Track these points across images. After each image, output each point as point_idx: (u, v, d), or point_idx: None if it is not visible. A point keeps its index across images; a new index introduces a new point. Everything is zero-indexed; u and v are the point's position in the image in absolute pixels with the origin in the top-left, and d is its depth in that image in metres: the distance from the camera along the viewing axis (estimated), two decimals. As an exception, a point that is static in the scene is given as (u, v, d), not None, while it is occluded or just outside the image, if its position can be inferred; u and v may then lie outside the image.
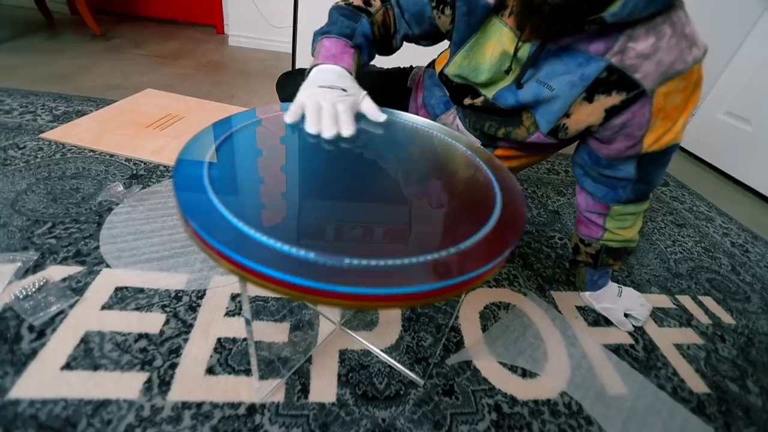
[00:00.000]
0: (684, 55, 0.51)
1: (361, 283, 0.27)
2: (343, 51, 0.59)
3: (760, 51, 1.58)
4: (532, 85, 0.58)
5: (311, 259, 0.29)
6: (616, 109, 0.56)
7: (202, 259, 0.70)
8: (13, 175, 0.82)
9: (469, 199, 0.42)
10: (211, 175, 0.36)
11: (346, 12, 0.63)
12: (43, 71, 1.37)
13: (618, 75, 0.53)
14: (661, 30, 0.50)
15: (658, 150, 0.59)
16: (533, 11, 0.49)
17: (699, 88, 0.55)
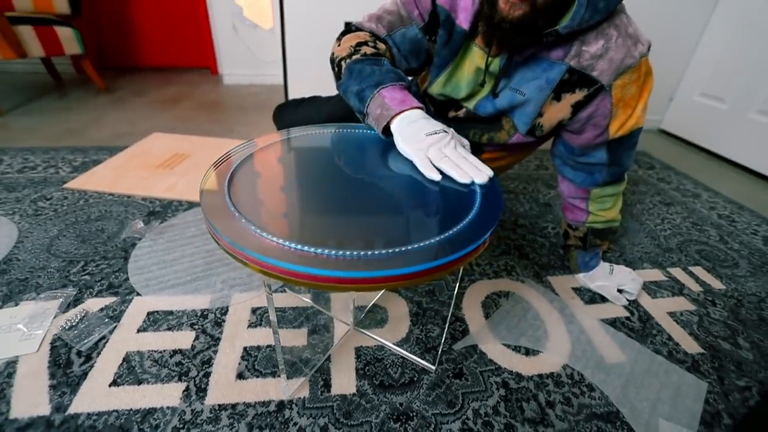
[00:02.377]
0: (631, 51, 0.58)
1: (378, 267, 0.34)
2: (405, 95, 0.57)
3: (725, 31, 1.67)
4: (507, 93, 0.66)
5: (333, 255, 0.35)
6: (581, 104, 0.63)
7: (222, 279, 0.77)
8: (45, 224, 0.90)
9: (455, 195, 0.49)
10: (232, 198, 0.43)
11: (367, 62, 0.62)
12: (58, 128, 1.48)
13: (578, 75, 0.60)
14: (608, 33, 0.58)
15: (624, 135, 0.66)
16: (496, 28, 0.57)
17: (650, 76, 0.63)
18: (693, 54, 1.81)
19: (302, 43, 1.61)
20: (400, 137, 0.54)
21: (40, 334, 0.63)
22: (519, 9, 0.53)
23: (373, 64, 0.61)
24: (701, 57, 1.77)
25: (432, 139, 0.52)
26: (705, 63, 1.75)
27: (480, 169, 0.50)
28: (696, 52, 1.79)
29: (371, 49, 0.64)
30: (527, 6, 0.52)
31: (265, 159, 0.54)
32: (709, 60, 1.74)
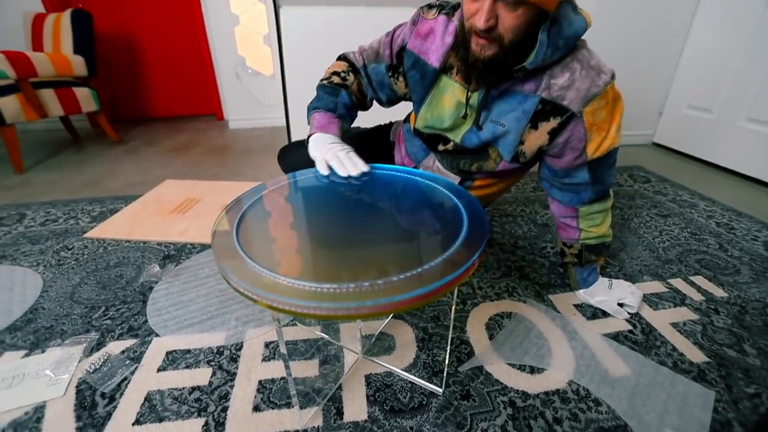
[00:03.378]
0: (595, 81, 0.64)
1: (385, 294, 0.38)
2: (330, 122, 0.75)
3: (703, 45, 1.75)
4: (489, 126, 0.72)
5: (339, 289, 0.39)
6: (557, 131, 0.68)
7: (236, 317, 0.80)
8: (67, 273, 0.96)
9: (446, 221, 0.53)
10: (240, 241, 0.48)
11: (328, 89, 0.79)
12: (76, 181, 1.57)
13: (551, 105, 0.66)
14: (572, 67, 0.64)
15: (602, 155, 0.71)
16: (471, 67, 0.64)
17: (619, 100, 0.69)
18: (676, 68, 1.88)
19: (302, 85, 1.71)
20: (312, 146, 0.71)
21: (66, 378, 0.66)
22: (489, 50, 0.60)
23: (329, 92, 0.79)
24: (684, 71, 1.84)
25: (332, 146, 0.69)
26: (689, 76, 1.82)
27: (357, 166, 0.66)
28: (679, 66, 1.87)
29: (339, 79, 0.80)
30: (496, 47, 0.59)
31: (269, 203, 0.59)
32: (692, 73, 1.80)
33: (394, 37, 0.78)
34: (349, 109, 0.81)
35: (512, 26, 0.57)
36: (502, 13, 0.56)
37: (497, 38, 0.59)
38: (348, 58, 0.83)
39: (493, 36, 0.58)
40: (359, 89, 0.83)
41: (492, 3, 0.55)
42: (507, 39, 0.59)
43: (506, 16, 0.56)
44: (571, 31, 0.61)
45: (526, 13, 0.56)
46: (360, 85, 0.83)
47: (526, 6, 0.55)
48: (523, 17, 0.56)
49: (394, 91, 0.82)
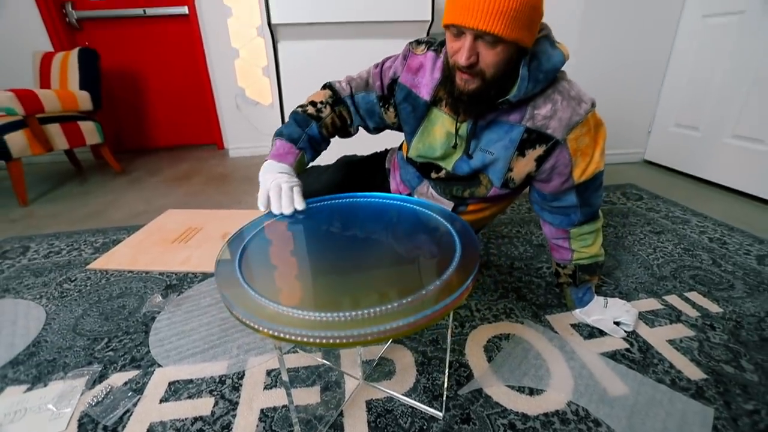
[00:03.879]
0: (576, 110, 0.68)
1: (377, 323, 0.39)
2: (288, 152, 0.75)
3: (685, 65, 1.82)
4: (478, 154, 0.75)
5: (339, 317, 0.41)
6: (543, 157, 0.72)
7: (238, 345, 0.81)
8: (70, 305, 0.97)
9: (440, 247, 0.55)
10: (244, 275, 0.50)
11: (299, 118, 0.79)
12: (80, 212, 1.60)
13: (536, 133, 0.70)
14: (553, 98, 0.68)
15: (588, 179, 0.74)
16: (457, 100, 0.68)
17: (601, 127, 0.73)
18: (661, 89, 1.95)
19: (300, 115, 1.77)
20: (262, 171, 0.72)
21: (68, 412, 0.67)
22: (472, 83, 0.64)
23: (299, 121, 0.79)
24: (669, 91, 1.91)
25: (279, 175, 0.69)
26: (674, 96, 1.89)
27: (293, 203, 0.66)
28: (663, 87, 1.94)
29: (314, 110, 0.80)
30: (479, 81, 0.63)
31: (270, 233, 0.61)
32: (676, 93, 1.87)
33: (383, 69, 0.81)
34: (315, 143, 0.79)
35: (492, 62, 0.61)
36: (482, 50, 0.60)
37: (479, 73, 0.63)
38: (333, 87, 0.84)
39: (475, 71, 0.62)
40: (334, 122, 0.82)
41: (472, 41, 0.59)
42: (488, 74, 0.63)
43: (486, 53, 0.60)
44: (550, 65, 0.65)
45: (505, 50, 0.60)
46: (335, 119, 0.82)
47: (505, 44, 0.59)
48: (503, 54, 0.60)
49: (382, 120, 0.85)
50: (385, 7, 1.63)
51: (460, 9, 0.57)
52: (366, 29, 1.67)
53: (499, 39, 0.58)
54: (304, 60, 1.71)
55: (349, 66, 1.74)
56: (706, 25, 1.70)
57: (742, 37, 1.55)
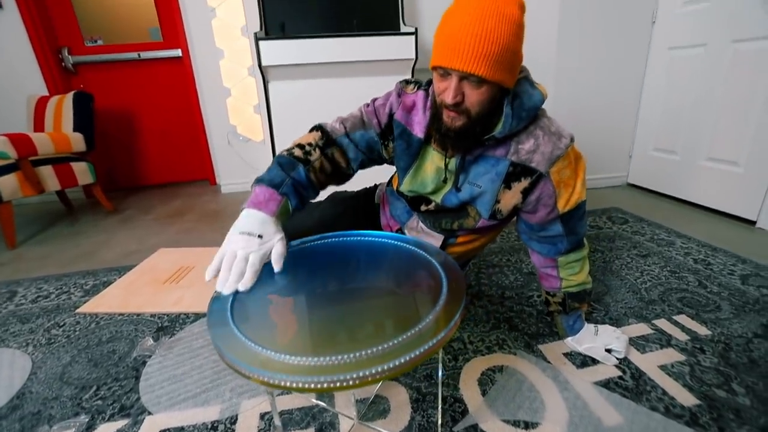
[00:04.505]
0: (557, 144, 0.72)
1: (367, 366, 0.40)
2: (269, 199, 0.66)
3: (658, 92, 1.91)
4: (466, 187, 0.78)
5: (329, 361, 0.41)
6: (528, 190, 0.75)
7: (230, 388, 0.80)
8: (58, 351, 0.95)
9: (426, 283, 0.57)
10: (235, 320, 0.50)
11: (284, 161, 0.72)
12: (70, 253, 1.59)
13: (521, 167, 0.73)
14: (536, 134, 0.72)
15: (571, 208, 0.77)
16: (445, 136, 0.71)
17: (580, 159, 0.76)
18: (638, 115, 2.04)
19: (291, 151, 1.82)
20: (235, 224, 0.63)
21: (54, 468, 0.65)
22: (459, 121, 0.68)
23: (284, 164, 0.72)
24: (646, 117, 2.00)
25: (241, 240, 0.60)
26: (650, 122, 1.97)
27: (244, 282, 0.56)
28: (640, 113, 2.03)
29: (301, 152, 0.75)
30: (465, 118, 0.67)
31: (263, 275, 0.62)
32: (652, 119, 1.96)
33: (376, 107, 0.81)
34: (302, 187, 0.72)
35: (477, 101, 0.65)
36: (468, 90, 0.64)
37: (465, 111, 0.66)
38: (324, 128, 0.79)
39: (461, 109, 0.66)
40: (323, 167, 0.77)
41: (458, 82, 0.63)
42: (473, 112, 0.66)
43: (471, 93, 0.64)
44: (531, 104, 0.70)
45: (489, 91, 0.64)
46: (325, 163, 0.77)
47: (488, 84, 0.63)
48: (486, 94, 0.64)
49: (380, 156, 0.83)
50: (370, 47, 1.71)
51: (448, 52, 0.61)
52: (353, 68, 1.75)
53: (483, 80, 0.62)
54: (293, 98, 1.77)
55: (337, 103, 1.81)
56: (672, 57, 1.81)
57: (706, 67, 1.65)
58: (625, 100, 2.01)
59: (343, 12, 1.86)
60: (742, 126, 1.53)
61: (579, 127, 1.96)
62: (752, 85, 1.48)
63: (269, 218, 0.64)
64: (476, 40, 0.59)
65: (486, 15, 0.59)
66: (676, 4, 1.76)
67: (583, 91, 1.96)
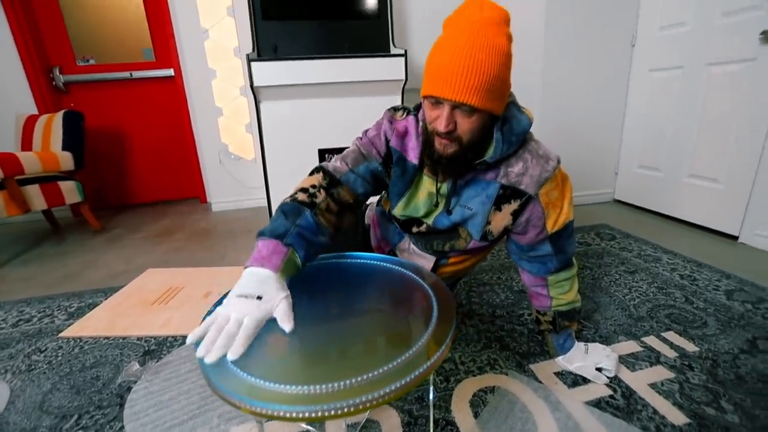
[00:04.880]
0: (545, 167, 0.74)
1: (357, 395, 0.40)
2: (273, 252, 0.59)
3: (639, 112, 1.98)
4: (458, 209, 0.79)
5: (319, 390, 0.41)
6: (518, 211, 0.77)
7: (219, 414, 0.78)
8: (38, 378, 0.92)
9: (417, 307, 0.57)
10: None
11: (287, 208, 0.67)
12: (55, 274, 1.56)
13: (510, 189, 0.75)
14: (524, 157, 0.74)
15: (560, 228, 0.79)
16: (437, 162, 0.72)
17: (567, 181, 0.79)
18: (622, 133, 2.10)
19: (281, 169, 1.82)
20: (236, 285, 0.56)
21: (31, 504, 0.62)
22: (450, 147, 0.69)
23: (289, 212, 0.67)
24: (629, 135, 2.06)
25: (237, 304, 0.53)
26: (634, 140, 2.03)
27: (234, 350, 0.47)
28: (624, 132, 2.09)
29: (305, 196, 0.71)
30: (456, 145, 0.68)
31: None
32: (636, 137, 2.02)
33: (371, 138, 0.80)
34: (311, 233, 0.66)
35: (468, 129, 0.66)
36: (459, 119, 0.65)
37: (457, 139, 0.67)
38: (325, 169, 0.77)
39: (453, 137, 0.67)
40: (330, 207, 0.73)
41: (450, 111, 0.64)
42: (465, 139, 0.67)
43: (463, 121, 0.65)
44: (520, 129, 0.72)
45: (480, 119, 0.66)
46: (331, 203, 0.73)
47: (479, 113, 0.64)
48: (478, 121, 0.66)
49: (384, 182, 0.82)
50: (361, 68, 1.75)
51: (440, 83, 0.62)
52: (344, 89, 1.78)
53: (474, 109, 0.63)
54: (285, 118, 1.79)
55: (328, 123, 1.84)
56: (652, 78, 1.88)
57: (684, 88, 1.72)
58: (609, 118, 2.08)
59: (335, 35, 1.90)
60: (721, 144, 1.59)
61: (566, 145, 2.01)
62: (728, 105, 1.55)
63: (272, 275, 0.57)
64: (467, 72, 0.60)
65: (476, 47, 0.60)
66: (654, 29, 1.84)
67: (569, 111, 2.01)
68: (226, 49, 2.22)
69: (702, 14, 1.61)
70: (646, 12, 1.87)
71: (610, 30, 1.93)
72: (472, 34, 0.61)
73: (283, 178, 1.83)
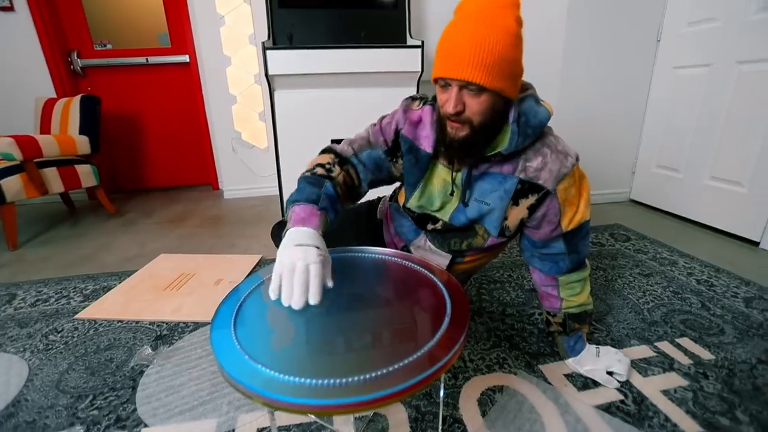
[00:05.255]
0: (564, 163, 0.72)
1: (371, 390, 0.40)
2: (311, 214, 0.65)
3: (661, 110, 1.92)
4: (474, 204, 0.79)
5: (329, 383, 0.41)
6: (535, 206, 0.75)
7: (228, 401, 0.79)
8: (55, 358, 0.95)
9: (431, 305, 0.56)
10: (239, 337, 0.50)
11: (311, 180, 0.74)
12: (71, 257, 1.59)
13: (529, 184, 0.74)
14: (543, 151, 0.73)
15: (575, 227, 0.77)
16: (449, 147, 0.72)
17: (584, 179, 0.77)
18: (642, 132, 2.04)
19: (294, 158, 1.82)
20: (283, 243, 0.60)
21: (47, 480, 0.64)
22: (462, 131, 0.68)
23: (312, 182, 0.72)
24: (649, 134, 2.00)
25: (298, 251, 0.56)
26: (653, 139, 1.98)
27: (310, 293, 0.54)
28: (643, 130, 2.03)
29: (323, 170, 0.76)
30: (467, 128, 0.68)
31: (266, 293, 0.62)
32: (655, 136, 1.96)
33: (383, 126, 0.82)
34: (334, 202, 0.72)
35: (478, 110, 0.66)
36: (468, 99, 0.65)
37: (467, 121, 0.67)
38: (334, 150, 0.82)
39: (462, 119, 0.67)
40: (345, 181, 0.78)
41: (458, 91, 0.64)
42: (476, 121, 0.67)
43: (471, 102, 0.65)
44: (537, 121, 0.70)
45: (489, 99, 0.65)
46: (347, 177, 0.79)
47: (488, 93, 0.64)
48: (487, 102, 0.65)
49: (390, 174, 0.84)
50: (377, 59, 1.72)
51: (446, 64, 0.63)
52: (359, 79, 1.76)
53: (482, 88, 0.63)
54: (299, 107, 1.78)
55: (342, 113, 1.82)
56: (677, 76, 1.82)
57: (711, 87, 1.66)
58: (628, 116, 2.02)
59: (351, 24, 1.88)
60: (747, 146, 1.53)
61: (582, 142, 1.97)
62: (756, 107, 1.49)
63: (316, 233, 0.62)
64: (472, 50, 0.60)
65: (481, 26, 0.61)
66: (681, 24, 1.78)
67: (587, 107, 1.96)
68: (242, 36, 2.21)
69: (734, 9, 1.55)
70: (674, 6, 1.80)
71: (634, 24, 1.86)
72: (479, 15, 0.62)
73: (296, 167, 1.80)
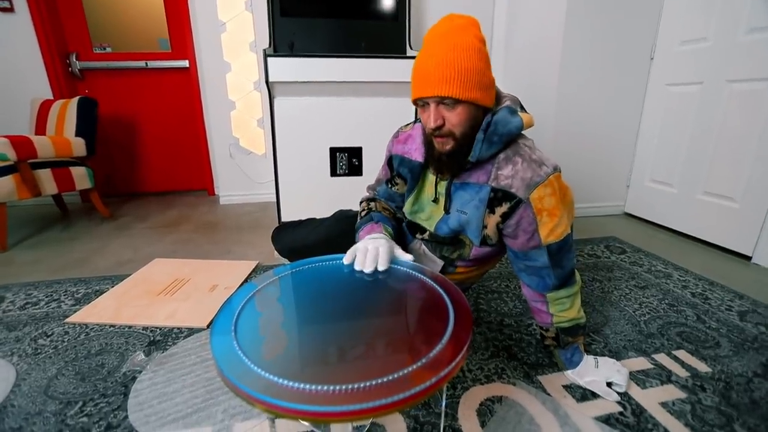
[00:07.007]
0: (537, 171, 0.73)
1: (372, 398, 0.39)
2: (373, 228, 0.84)
3: (654, 125, 1.96)
4: (455, 215, 0.81)
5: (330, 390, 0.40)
6: (507, 214, 0.76)
7: (223, 409, 0.77)
8: (44, 363, 0.92)
9: (435, 313, 0.56)
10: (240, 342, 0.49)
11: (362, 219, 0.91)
12: (63, 259, 1.56)
13: (501, 192, 0.75)
14: (514, 160, 0.75)
15: (558, 240, 0.77)
16: (437, 160, 0.77)
17: (567, 191, 0.79)
18: (636, 146, 2.08)
19: (292, 165, 1.82)
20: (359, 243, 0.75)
21: (32, 490, 0.62)
22: (447, 144, 0.73)
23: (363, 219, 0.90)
24: (643, 149, 2.04)
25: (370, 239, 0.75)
26: (647, 153, 2.01)
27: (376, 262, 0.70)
28: (637, 145, 2.07)
29: (365, 210, 0.94)
30: (452, 141, 0.73)
31: (266, 297, 0.61)
32: (649, 151, 2.00)
33: (384, 162, 0.96)
34: (386, 219, 0.90)
35: (457, 122, 0.71)
36: (446, 113, 0.70)
37: (450, 134, 0.72)
38: (363, 198, 1.01)
39: (444, 132, 0.72)
40: (384, 209, 0.96)
41: (436, 107, 0.70)
42: (458, 132, 0.72)
43: (449, 115, 0.70)
44: (506, 130, 0.73)
45: (465, 110, 0.70)
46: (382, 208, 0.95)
47: (463, 104, 0.69)
48: (464, 113, 0.70)
49: (400, 196, 0.95)
50: (376, 69, 1.74)
51: (420, 85, 0.69)
52: (358, 88, 1.78)
53: (456, 101, 0.68)
54: (298, 114, 1.79)
55: (341, 121, 1.83)
56: (670, 93, 1.86)
57: (703, 105, 1.69)
58: (623, 131, 2.06)
59: (352, 35, 1.90)
60: (738, 162, 1.56)
61: (579, 155, 2.00)
62: (747, 124, 1.52)
63: (381, 233, 0.81)
64: (439, 69, 0.66)
65: (444, 47, 0.67)
66: (674, 43, 1.82)
67: (583, 122, 2.00)
68: (243, 43, 2.22)
69: (725, 30, 1.59)
70: (667, 25, 1.86)
71: (628, 43, 1.91)
72: (442, 38, 0.68)
73: (294, 174, 1.82)
